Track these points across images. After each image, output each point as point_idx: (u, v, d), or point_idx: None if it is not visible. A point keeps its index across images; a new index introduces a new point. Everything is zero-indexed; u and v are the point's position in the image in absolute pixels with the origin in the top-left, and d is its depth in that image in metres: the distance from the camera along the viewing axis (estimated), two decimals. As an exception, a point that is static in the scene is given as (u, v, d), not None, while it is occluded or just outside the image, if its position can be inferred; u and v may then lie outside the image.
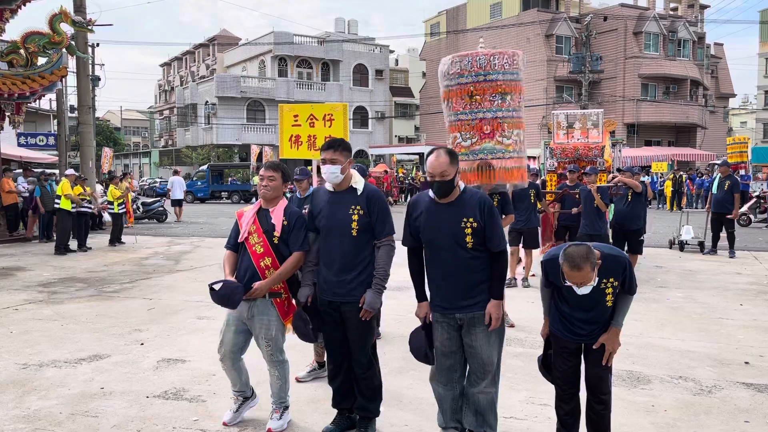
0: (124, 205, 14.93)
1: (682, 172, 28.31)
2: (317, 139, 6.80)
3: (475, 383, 3.53)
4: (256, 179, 33.64)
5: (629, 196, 9.13)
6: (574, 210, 9.39)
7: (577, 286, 3.20)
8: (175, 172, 23.52)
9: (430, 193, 3.51)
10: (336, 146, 3.77)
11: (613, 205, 9.44)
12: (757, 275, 9.74)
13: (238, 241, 3.87)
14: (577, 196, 9.30)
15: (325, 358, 4.34)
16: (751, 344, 5.88)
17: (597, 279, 3.23)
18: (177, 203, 21.42)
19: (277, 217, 3.82)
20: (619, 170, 10.11)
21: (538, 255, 9.38)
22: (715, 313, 7.15)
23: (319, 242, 3.84)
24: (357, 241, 3.72)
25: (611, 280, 3.31)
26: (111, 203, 14.30)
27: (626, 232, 9.21)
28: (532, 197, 8.81)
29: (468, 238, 3.42)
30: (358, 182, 3.81)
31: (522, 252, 9.05)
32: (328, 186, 3.82)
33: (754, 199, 19.42)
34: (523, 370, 5.10)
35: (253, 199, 30.88)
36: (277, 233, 3.79)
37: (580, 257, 3.09)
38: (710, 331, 6.39)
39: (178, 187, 21.72)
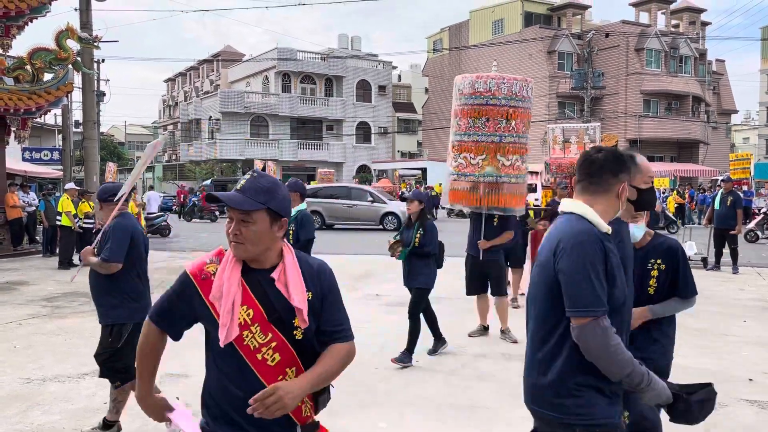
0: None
1: (690, 187, 28.24)
2: None
3: None
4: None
5: None
6: None
7: (635, 221, 2.79)
8: (150, 188, 23.60)
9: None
10: None
11: None
12: (761, 291, 9.72)
13: (221, 339, 1.92)
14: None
15: None
16: (755, 361, 5.86)
17: (645, 252, 2.97)
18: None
19: (295, 286, 1.98)
20: None
21: (527, 273, 9.34)
22: (718, 329, 7.14)
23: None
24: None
25: (658, 261, 3.02)
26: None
27: None
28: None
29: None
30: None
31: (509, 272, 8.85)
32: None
33: (762, 216, 19.40)
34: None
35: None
36: (302, 320, 1.97)
37: None
38: (714, 347, 6.37)
39: (153, 202, 21.81)
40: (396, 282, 11.04)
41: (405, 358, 5.78)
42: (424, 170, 41.25)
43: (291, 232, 5.61)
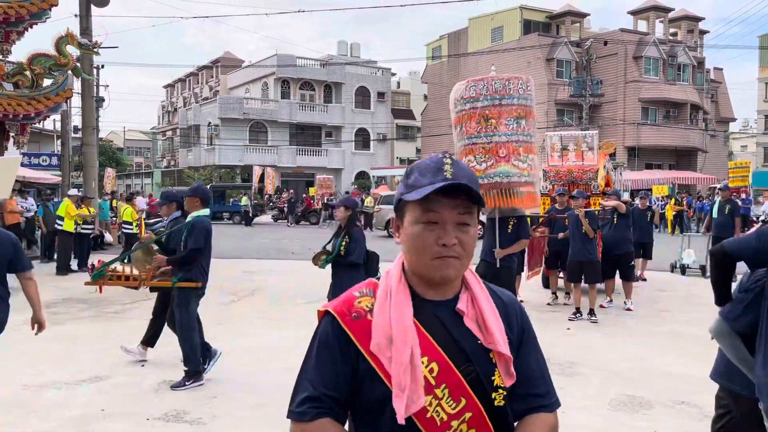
0: (138, 225, 15.05)
1: (687, 195, 28.26)
2: None
3: None
4: (244, 200, 32.96)
5: (615, 219, 8.94)
6: (561, 235, 9.02)
7: None
8: (137, 193, 23.16)
9: None
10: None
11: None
12: (759, 300, 9.71)
13: (400, 413, 1.29)
14: (566, 221, 8.94)
15: None
16: (754, 369, 5.86)
17: None
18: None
19: (494, 323, 1.40)
20: (604, 194, 9.89)
21: (524, 281, 9.34)
22: (717, 337, 7.13)
23: None
24: None
25: None
26: (128, 223, 14.39)
27: (616, 258, 8.93)
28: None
29: None
30: None
31: None
32: None
33: (760, 224, 19.44)
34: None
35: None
36: (507, 375, 1.39)
37: None
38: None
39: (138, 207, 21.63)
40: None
41: None
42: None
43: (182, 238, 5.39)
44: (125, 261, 5.92)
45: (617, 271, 9.12)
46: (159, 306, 6.10)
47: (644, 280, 11.33)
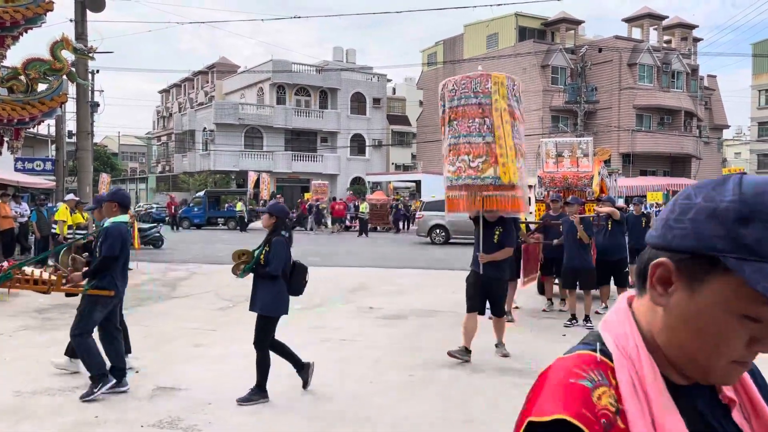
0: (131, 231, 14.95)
1: None
2: None
3: None
4: (239, 206, 33.02)
5: (609, 225, 8.92)
6: (555, 241, 8.98)
7: None
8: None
9: None
10: None
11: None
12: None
13: None
14: (560, 227, 8.91)
15: None
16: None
17: None
18: None
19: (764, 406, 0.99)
20: (598, 200, 9.90)
21: (519, 287, 9.33)
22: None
23: None
24: None
25: None
26: None
27: (610, 264, 8.93)
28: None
29: None
30: None
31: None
32: None
33: None
34: (520, 399, 5.08)
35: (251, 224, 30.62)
36: None
37: None
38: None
39: None
40: (390, 295, 11.04)
41: (253, 396, 5.04)
42: (418, 183, 41.33)
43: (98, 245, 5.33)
44: (41, 264, 5.79)
45: (612, 278, 9.13)
46: None
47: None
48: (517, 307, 9.14)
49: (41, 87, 13.78)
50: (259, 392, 5.08)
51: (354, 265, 15.05)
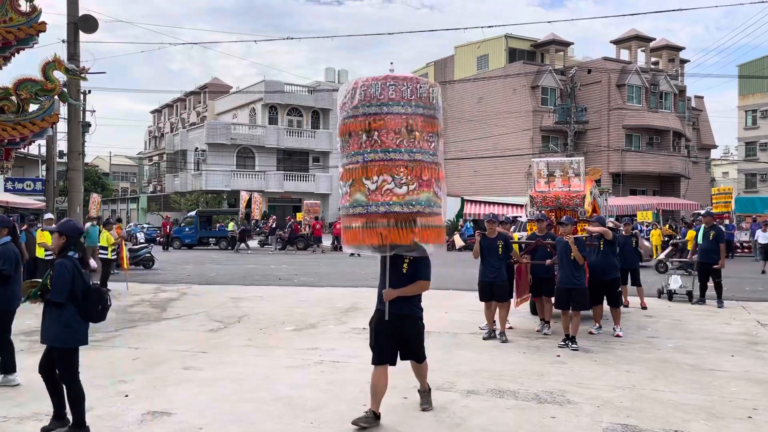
0: (117, 251, 14.80)
1: (684, 224, 28.25)
2: None
3: None
4: (231, 225, 32.90)
5: (601, 245, 8.91)
6: (548, 261, 8.91)
7: None
8: (89, 219, 19.77)
9: None
10: None
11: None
12: (746, 326, 9.75)
13: None
14: (549, 248, 8.87)
15: None
16: (745, 396, 5.84)
17: None
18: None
19: None
20: (587, 220, 9.90)
21: (512, 307, 9.28)
22: (706, 364, 7.12)
23: None
24: None
25: None
26: (104, 248, 14.19)
27: (603, 284, 8.91)
28: (500, 249, 8.43)
29: None
30: None
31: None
32: None
33: (671, 248, 19.76)
34: (516, 422, 5.03)
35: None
36: None
37: None
38: (702, 383, 6.35)
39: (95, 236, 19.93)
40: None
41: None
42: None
43: None
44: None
45: (605, 297, 9.12)
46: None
47: (626, 306, 11.32)
48: (510, 327, 9.10)
49: (32, 107, 13.75)
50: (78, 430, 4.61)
51: (344, 285, 14.96)
